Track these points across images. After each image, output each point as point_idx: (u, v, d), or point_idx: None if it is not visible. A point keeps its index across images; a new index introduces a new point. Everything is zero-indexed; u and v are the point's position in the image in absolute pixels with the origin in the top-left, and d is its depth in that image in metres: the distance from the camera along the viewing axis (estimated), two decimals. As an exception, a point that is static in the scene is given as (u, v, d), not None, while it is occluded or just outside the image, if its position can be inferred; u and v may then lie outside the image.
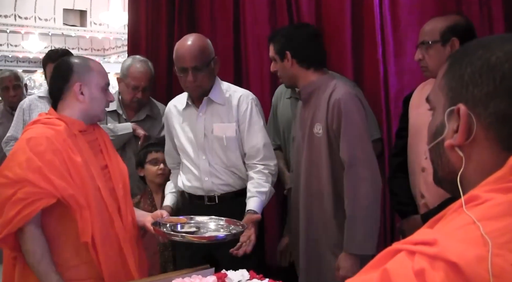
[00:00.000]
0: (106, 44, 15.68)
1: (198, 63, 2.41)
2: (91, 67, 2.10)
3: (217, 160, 2.54)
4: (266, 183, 2.47)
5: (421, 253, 0.69)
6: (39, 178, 1.87)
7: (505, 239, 0.68)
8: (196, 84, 2.45)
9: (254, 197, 2.42)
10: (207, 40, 2.54)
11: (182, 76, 2.46)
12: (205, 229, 2.18)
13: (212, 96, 2.52)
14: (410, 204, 2.24)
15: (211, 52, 2.51)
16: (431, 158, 0.92)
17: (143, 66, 3.02)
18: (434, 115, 0.90)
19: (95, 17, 13.89)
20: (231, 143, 2.52)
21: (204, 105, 2.53)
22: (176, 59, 2.48)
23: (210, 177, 2.54)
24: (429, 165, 1.96)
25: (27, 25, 13.54)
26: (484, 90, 0.79)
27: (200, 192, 2.57)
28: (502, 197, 0.72)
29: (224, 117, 2.53)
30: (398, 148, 2.38)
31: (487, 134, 0.80)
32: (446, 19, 2.14)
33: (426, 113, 2.33)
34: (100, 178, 2.03)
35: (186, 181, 2.61)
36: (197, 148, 2.56)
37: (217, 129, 2.52)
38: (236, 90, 2.61)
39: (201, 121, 2.55)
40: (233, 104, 2.53)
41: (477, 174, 0.81)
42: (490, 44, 0.82)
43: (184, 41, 2.49)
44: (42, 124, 2.02)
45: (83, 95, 2.05)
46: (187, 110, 2.61)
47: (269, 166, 2.51)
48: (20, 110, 3.40)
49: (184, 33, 3.68)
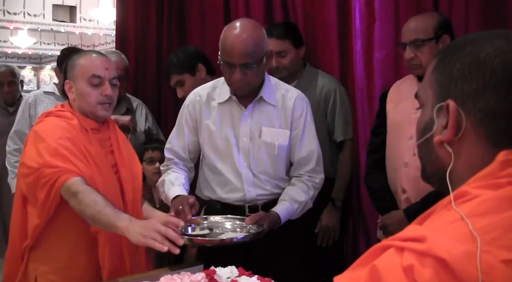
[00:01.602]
0: (96, 40, 15.57)
1: (250, 60, 2.00)
2: (77, 62, 2.00)
3: (262, 169, 2.17)
4: (304, 194, 2.15)
5: (410, 250, 0.69)
6: (57, 159, 1.83)
7: (493, 235, 0.68)
8: (244, 82, 2.05)
9: (286, 201, 2.11)
10: (262, 30, 2.09)
11: (227, 70, 2.05)
12: (220, 229, 2.01)
13: (264, 95, 2.14)
14: (390, 200, 2.25)
15: (266, 45, 2.09)
16: (420, 154, 0.92)
17: (116, 58, 3.04)
18: (423, 112, 0.89)
19: (84, 13, 13.79)
20: (282, 152, 2.17)
21: (253, 104, 2.16)
22: (223, 49, 2.04)
23: (254, 187, 2.16)
24: (412, 160, 1.97)
25: (16, 20, 13.42)
26: (473, 86, 0.79)
27: (239, 202, 2.19)
28: (491, 193, 0.72)
29: (276, 121, 2.16)
30: (374, 144, 2.37)
31: (476, 130, 0.80)
32: (433, 17, 2.13)
33: (406, 110, 2.35)
34: (111, 176, 1.99)
35: (219, 190, 2.21)
36: (238, 152, 2.17)
37: (266, 134, 2.15)
38: (288, 89, 2.23)
39: (247, 121, 2.15)
40: (287, 107, 2.16)
41: (466, 170, 0.81)
42: (480, 40, 0.82)
43: (234, 30, 2.03)
44: (55, 117, 1.98)
45: (72, 93, 2.01)
46: (227, 106, 2.18)
47: (314, 178, 2.20)
48: (25, 105, 3.36)
49: (173, 29, 3.68)
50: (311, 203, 2.20)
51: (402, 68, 2.54)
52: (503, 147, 0.78)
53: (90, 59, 1.99)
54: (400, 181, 2.18)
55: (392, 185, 2.25)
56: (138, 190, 2.11)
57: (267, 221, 1.98)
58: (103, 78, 1.97)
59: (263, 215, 2.01)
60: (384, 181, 2.28)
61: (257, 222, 1.97)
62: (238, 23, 2.06)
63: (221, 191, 2.20)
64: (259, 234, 1.91)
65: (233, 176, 2.17)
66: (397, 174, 2.19)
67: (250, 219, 1.98)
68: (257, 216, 2.00)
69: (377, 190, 2.32)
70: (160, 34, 3.77)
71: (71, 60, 2.03)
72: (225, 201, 2.20)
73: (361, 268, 0.73)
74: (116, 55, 3.08)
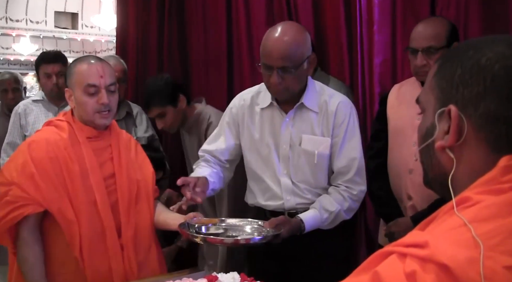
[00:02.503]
0: (98, 46, 15.62)
1: (288, 64, 1.93)
2: (74, 70, 1.99)
3: (301, 178, 2.10)
4: (337, 204, 2.04)
5: (412, 255, 0.69)
6: (30, 184, 1.85)
7: (496, 241, 0.67)
8: (282, 86, 1.97)
9: (315, 209, 2.03)
10: (305, 33, 2.01)
11: (266, 73, 1.98)
12: (238, 232, 1.97)
13: (306, 102, 2.06)
14: (394, 206, 2.23)
15: (307, 50, 2.00)
16: (421, 160, 0.92)
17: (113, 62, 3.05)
18: (424, 117, 0.89)
19: (86, 19, 13.86)
20: (323, 161, 2.08)
21: (294, 111, 2.08)
22: (262, 51, 1.98)
23: (293, 196, 2.11)
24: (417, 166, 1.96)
25: (18, 27, 13.49)
26: (474, 91, 0.79)
27: (279, 210, 2.13)
28: (492, 198, 0.72)
29: (317, 128, 2.07)
30: (375, 149, 2.35)
31: (477, 136, 0.80)
32: (443, 23, 2.10)
33: (409, 115, 2.33)
34: (100, 189, 1.95)
35: (260, 197, 2.18)
36: (277, 159, 2.11)
37: (306, 142, 2.07)
38: (333, 94, 2.12)
39: (287, 128, 2.09)
40: (329, 113, 2.07)
41: (467, 175, 0.81)
42: (481, 45, 0.82)
43: (274, 32, 1.96)
44: (53, 127, 2.00)
45: (72, 101, 2.01)
46: (268, 111, 2.13)
47: (351, 189, 2.08)
48: (15, 115, 3.37)
49: (174, 34, 3.69)
50: (346, 215, 2.09)
51: (400, 73, 2.54)
52: (504, 151, 0.78)
53: (85, 68, 1.97)
54: (405, 188, 2.16)
55: (396, 192, 2.23)
56: (140, 196, 2.08)
57: (287, 226, 1.93)
58: (99, 87, 1.96)
59: (283, 220, 1.97)
60: (387, 187, 2.26)
61: (277, 226, 1.92)
62: (281, 26, 2.00)
63: (262, 198, 2.17)
64: (275, 237, 1.86)
65: (273, 183, 2.12)
66: (402, 180, 2.18)
67: (269, 223, 1.95)
68: (277, 220, 1.95)
69: (381, 197, 2.29)
70: (160, 39, 3.77)
71: (69, 67, 2.03)
72: (266, 208, 2.16)
73: (363, 274, 0.73)
74: (113, 59, 3.10)
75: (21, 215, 1.85)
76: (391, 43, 2.57)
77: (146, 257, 2.05)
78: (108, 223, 1.95)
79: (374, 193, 2.32)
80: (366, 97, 2.64)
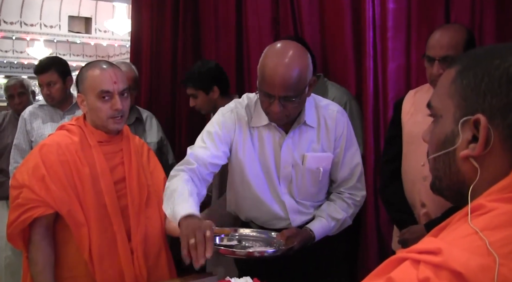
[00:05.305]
0: (111, 51, 15.74)
1: (290, 93, 1.80)
2: (86, 75, 1.98)
3: (305, 196, 2.05)
4: (343, 212, 2.03)
5: (426, 262, 0.69)
6: (40, 186, 1.87)
7: (509, 249, 0.68)
8: (282, 115, 1.86)
9: (323, 218, 2.01)
10: (307, 57, 1.84)
11: (265, 99, 1.85)
12: (250, 243, 1.93)
13: (308, 120, 1.97)
14: (408, 213, 2.21)
15: (310, 74, 1.85)
16: (434, 166, 0.90)
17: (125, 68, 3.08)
18: (439, 123, 0.88)
19: (100, 24, 13.98)
20: (325, 176, 2.06)
21: (296, 131, 1.98)
22: (261, 78, 1.82)
23: (299, 215, 2.06)
24: (431, 173, 1.91)
25: (33, 32, 13.63)
26: (503, 101, 0.78)
27: (283, 227, 2.05)
28: (506, 206, 0.72)
29: (316, 144, 2.01)
30: (389, 154, 2.33)
31: (503, 145, 0.79)
32: (461, 31, 2.08)
33: (425, 122, 2.31)
34: (110, 193, 1.96)
35: (263, 217, 2.09)
36: (278, 180, 2.03)
37: (311, 161, 2.00)
38: (327, 105, 2.05)
39: (289, 148, 1.99)
40: (329, 127, 2.01)
41: (486, 184, 0.80)
42: (506, 53, 0.81)
43: (275, 57, 1.80)
44: (65, 131, 2.03)
45: (84, 106, 2.02)
46: (266, 130, 2.00)
47: (354, 196, 2.07)
48: (22, 120, 3.41)
49: (188, 40, 3.71)
50: (350, 220, 2.09)
51: (414, 79, 2.53)
52: None
53: (97, 73, 1.96)
54: (419, 195, 2.15)
55: (410, 198, 2.21)
56: (150, 201, 2.08)
57: (299, 238, 1.90)
58: (112, 93, 1.96)
59: (295, 232, 1.93)
60: (401, 193, 2.25)
61: (289, 238, 1.89)
62: (280, 48, 1.82)
63: (265, 219, 2.09)
64: (289, 250, 1.84)
65: (275, 204, 2.05)
66: (415, 187, 2.17)
67: (281, 234, 1.92)
68: (289, 232, 1.92)
69: (394, 203, 2.27)
70: (174, 45, 3.80)
71: (81, 73, 2.03)
72: (269, 227, 2.08)
73: (377, 279, 0.73)
74: (125, 65, 3.12)
75: (31, 216, 1.87)
76: (406, 49, 2.57)
77: (155, 262, 2.05)
78: (118, 227, 1.96)
79: (388, 200, 2.31)
80: (379, 103, 2.63)
